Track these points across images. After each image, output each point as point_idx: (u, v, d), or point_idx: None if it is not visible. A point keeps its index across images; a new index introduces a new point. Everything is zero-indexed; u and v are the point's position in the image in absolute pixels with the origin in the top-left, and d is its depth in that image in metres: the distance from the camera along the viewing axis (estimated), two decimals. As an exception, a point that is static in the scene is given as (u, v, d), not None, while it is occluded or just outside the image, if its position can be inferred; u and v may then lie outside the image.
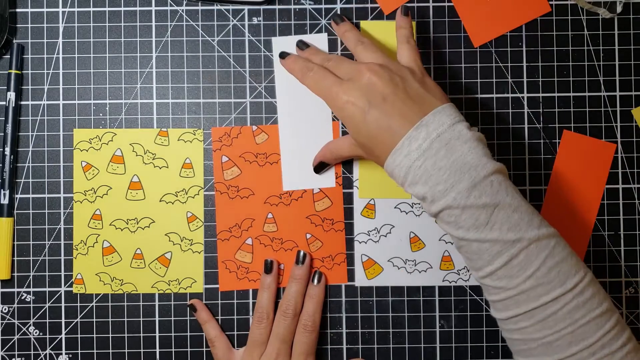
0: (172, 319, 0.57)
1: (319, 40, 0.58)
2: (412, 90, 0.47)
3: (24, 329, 0.57)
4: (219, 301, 0.58)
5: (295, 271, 0.56)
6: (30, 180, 0.58)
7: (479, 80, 0.58)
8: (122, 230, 0.58)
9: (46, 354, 0.57)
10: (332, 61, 0.52)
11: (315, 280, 0.57)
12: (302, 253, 0.56)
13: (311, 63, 0.53)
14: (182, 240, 0.58)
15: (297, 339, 0.55)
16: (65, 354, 0.57)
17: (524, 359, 0.45)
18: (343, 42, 0.55)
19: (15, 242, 0.57)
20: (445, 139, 0.44)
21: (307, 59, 0.54)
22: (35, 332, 0.57)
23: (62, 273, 0.57)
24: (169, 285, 0.58)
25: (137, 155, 0.58)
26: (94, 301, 0.57)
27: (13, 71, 0.57)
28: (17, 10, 0.58)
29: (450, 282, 0.58)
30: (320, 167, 0.57)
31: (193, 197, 0.58)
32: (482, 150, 0.45)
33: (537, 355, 0.44)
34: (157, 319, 0.57)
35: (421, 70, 0.50)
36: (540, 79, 0.58)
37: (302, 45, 0.56)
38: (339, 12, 0.58)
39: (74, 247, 0.57)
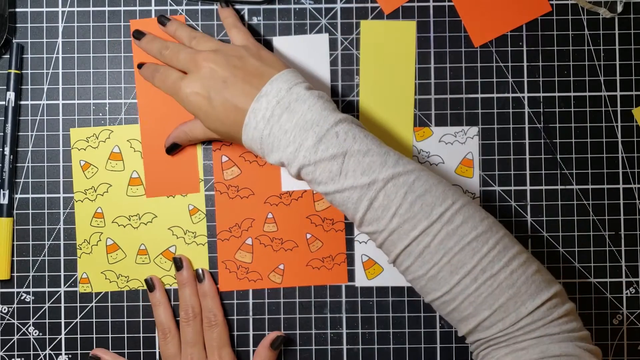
0: (172, 319, 0.57)
1: (319, 40, 0.58)
2: (251, 66, 0.49)
3: (24, 329, 0.57)
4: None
5: (178, 278, 0.56)
6: (30, 180, 0.57)
7: (479, 80, 0.58)
8: (124, 227, 0.58)
9: (46, 354, 0.57)
10: (195, 39, 0.52)
11: (200, 279, 0.56)
12: (177, 259, 0.56)
13: (158, 65, 0.54)
14: (185, 233, 0.58)
15: (207, 336, 0.56)
16: (65, 354, 0.57)
17: (426, 297, 0.46)
18: (177, 39, 0.54)
19: (15, 242, 0.57)
20: (285, 103, 0.46)
21: (161, 50, 0.53)
22: (35, 332, 0.57)
23: (62, 273, 0.57)
24: (176, 279, 0.57)
25: (135, 151, 0.58)
26: (94, 301, 0.57)
27: (13, 71, 0.57)
28: (17, 10, 0.58)
29: (450, 282, 0.58)
30: (172, 149, 0.56)
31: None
32: (322, 105, 0.46)
33: (430, 291, 0.45)
34: (157, 319, 0.57)
35: (255, 45, 0.51)
36: (540, 79, 0.58)
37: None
38: (339, 12, 0.58)
39: (77, 247, 0.57)
